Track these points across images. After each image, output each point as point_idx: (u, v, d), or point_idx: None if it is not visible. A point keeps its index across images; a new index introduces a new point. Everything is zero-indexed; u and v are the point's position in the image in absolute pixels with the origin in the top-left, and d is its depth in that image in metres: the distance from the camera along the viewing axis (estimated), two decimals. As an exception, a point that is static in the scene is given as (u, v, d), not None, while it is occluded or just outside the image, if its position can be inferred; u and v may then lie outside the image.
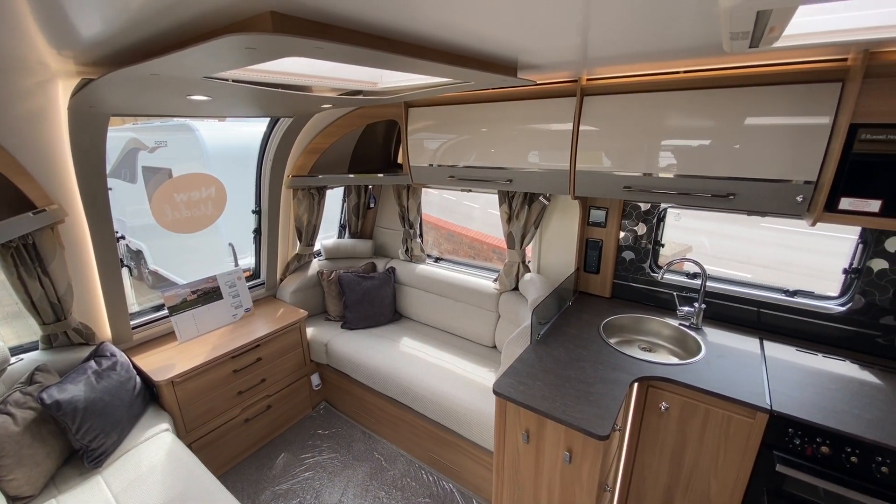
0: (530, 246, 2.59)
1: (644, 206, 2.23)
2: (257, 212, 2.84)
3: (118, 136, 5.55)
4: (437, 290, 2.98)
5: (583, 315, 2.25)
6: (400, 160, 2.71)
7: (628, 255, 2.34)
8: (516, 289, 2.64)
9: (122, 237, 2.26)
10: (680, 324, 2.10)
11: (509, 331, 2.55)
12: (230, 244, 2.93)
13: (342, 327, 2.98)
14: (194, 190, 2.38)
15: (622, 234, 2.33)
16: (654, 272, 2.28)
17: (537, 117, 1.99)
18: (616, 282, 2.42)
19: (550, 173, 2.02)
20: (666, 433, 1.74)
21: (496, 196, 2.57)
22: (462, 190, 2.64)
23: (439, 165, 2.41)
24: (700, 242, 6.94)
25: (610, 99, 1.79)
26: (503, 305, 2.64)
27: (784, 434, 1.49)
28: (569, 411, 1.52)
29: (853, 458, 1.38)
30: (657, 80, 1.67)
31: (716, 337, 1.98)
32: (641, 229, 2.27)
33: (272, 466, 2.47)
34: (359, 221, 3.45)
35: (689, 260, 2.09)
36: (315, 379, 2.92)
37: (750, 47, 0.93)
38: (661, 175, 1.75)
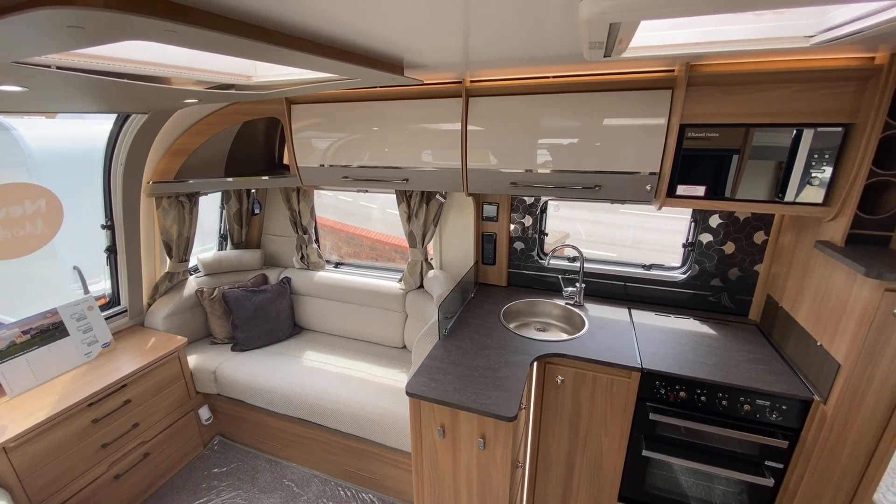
0: (431, 243, 2.64)
1: (529, 200, 2.43)
2: (109, 226, 2.38)
3: None
4: (340, 296, 2.85)
5: (484, 305, 2.36)
6: (286, 161, 2.52)
7: (519, 245, 2.53)
8: (422, 287, 2.66)
9: None
10: (566, 303, 2.34)
11: (418, 329, 2.56)
12: (75, 268, 2.41)
13: (233, 350, 2.68)
14: (14, 204, 1.89)
15: (512, 226, 2.51)
16: (541, 259, 2.50)
17: (428, 117, 2.02)
18: (510, 271, 2.60)
19: (445, 171, 2.08)
20: (563, 403, 1.93)
21: (394, 196, 2.55)
22: (358, 191, 2.57)
23: (331, 166, 2.30)
24: (576, 229, 7.84)
25: (492, 100, 1.89)
26: (410, 305, 2.64)
27: (653, 387, 1.76)
28: (479, 399, 1.58)
29: (702, 398, 1.69)
30: (532, 83, 1.82)
31: (595, 311, 2.25)
32: (528, 221, 2.46)
33: (156, 523, 2.12)
34: (242, 230, 3.12)
35: (569, 246, 2.34)
36: (204, 412, 2.57)
37: (604, 56, 1.07)
38: (540, 171, 1.92)
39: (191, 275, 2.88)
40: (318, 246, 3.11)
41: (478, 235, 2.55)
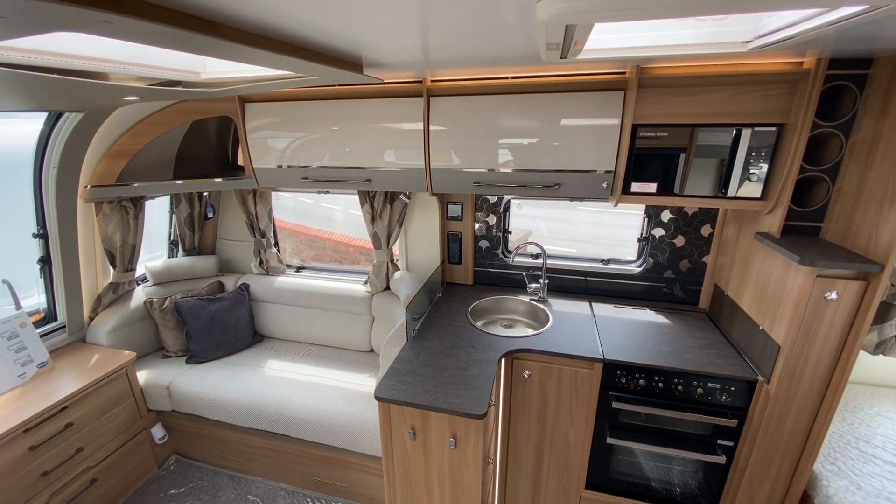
0: (397, 244, 2.61)
1: (492, 199, 2.46)
2: (41, 235, 2.18)
3: None
4: (303, 301, 2.76)
5: (452, 304, 2.37)
6: (241, 162, 2.41)
7: (484, 244, 2.55)
8: (388, 289, 2.63)
9: None
10: (531, 299, 2.39)
11: (385, 332, 2.53)
12: (4, 281, 2.19)
13: (188, 363, 2.53)
14: (-77, 213, 1.69)
15: (477, 225, 2.53)
16: (505, 257, 2.54)
17: (389, 116, 1.99)
18: (476, 269, 2.62)
19: (408, 171, 2.06)
20: (531, 397, 1.97)
21: (357, 196, 2.51)
22: (319, 192, 2.50)
23: (289, 166, 2.23)
24: (538, 227, 8.02)
25: (454, 100, 1.90)
26: (377, 307, 2.60)
27: (614, 376, 1.83)
28: (449, 399, 1.58)
29: (660, 384, 1.78)
30: (492, 84, 1.84)
31: (559, 306, 2.31)
32: (492, 220, 2.49)
33: (106, 553, 1.96)
34: (195, 235, 2.96)
35: (531, 243, 2.39)
36: (158, 431, 2.41)
37: (561, 58, 1.09)
38: (502, 170, 1.95)
39: (138, 285, 2.69)
40: (278, 250, 3.00)
41: (443, 235, 2.55)
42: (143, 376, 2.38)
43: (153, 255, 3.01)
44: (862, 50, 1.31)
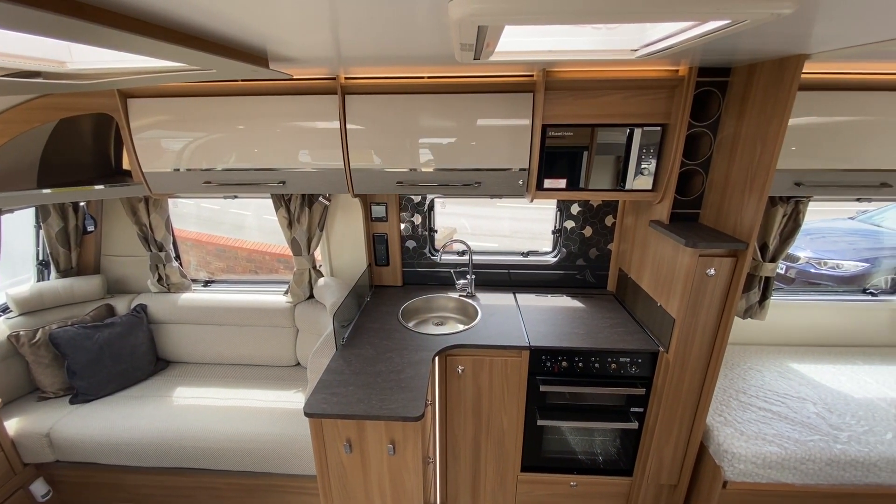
0: (318, 249, 2.48)
1: (416, 199, 2.45)
2: None
3: None
4: (214, 318, 2.51)
5: (382, 307, 2.32)
6: (127, 165, 2.11)
7: (411, 243, 2.54)
8: (312, 297, 2.50)
9: None
10: (460, 295, 2.43)
11: (312, 343, 2.40)
12: None
13: (72, 403, 2.17)
14: None
15: (402, 225, 2.51)
16: (433, 255, 2.56)
17: (302, 114, 1.89)
18: (405, 270, 2.60)
19: (326, 172, 1.97)
20: (465, 391, 2.01)
21: (270, 200, 2.34)
22: (226, 197, 2.28)
23: (188, 170, 2.00)
24: (462, 224, 8.23)
25: (370, 99, 1.85)
26: (300, 318, 2.45)
27: (540, 361, 1.94)
28: (385, 405, 1.55)
29: (580, 364, 1.93)
30: (408, 83, 1.83)
31: (486, 300, 2.39)
32: (417, 219, 2.49)
33: None
34: (72, 253, 2.53)
35: (458, 241, 2.44)
36: (39, 487, 2.04)
37: (474, 59, 1.12)
38: (423, 170, 1.95)
39: (-4, 317, 2.23)
40: (180, 263, 2.69)
41: (369, 237, 2.49)
42: (13, 425, 1.98)
43: (16, 279, 2.52)
44: (723, 60, 1.54)
